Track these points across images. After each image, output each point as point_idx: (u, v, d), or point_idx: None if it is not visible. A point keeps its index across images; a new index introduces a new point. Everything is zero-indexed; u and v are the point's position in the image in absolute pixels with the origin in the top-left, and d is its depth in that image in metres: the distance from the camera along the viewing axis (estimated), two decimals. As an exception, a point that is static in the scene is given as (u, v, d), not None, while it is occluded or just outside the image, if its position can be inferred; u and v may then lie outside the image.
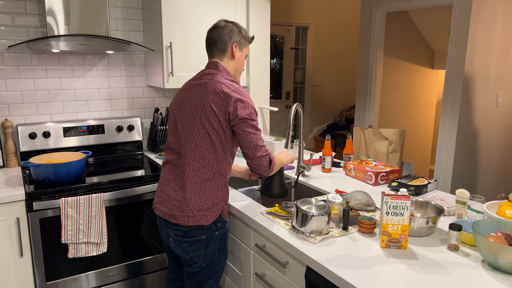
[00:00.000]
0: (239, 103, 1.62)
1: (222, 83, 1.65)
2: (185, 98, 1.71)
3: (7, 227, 2.02)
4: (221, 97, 1.62)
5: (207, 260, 1.75)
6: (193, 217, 1.66)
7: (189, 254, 1.72)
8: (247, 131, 1.64)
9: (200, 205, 1.67)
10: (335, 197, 1.67)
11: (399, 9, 3.97)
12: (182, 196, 1.67)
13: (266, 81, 2.92)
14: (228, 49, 1.72)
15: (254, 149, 1.65)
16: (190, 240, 1.70)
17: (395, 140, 2.84)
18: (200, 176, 1.66)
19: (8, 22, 2.39)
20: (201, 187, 1.67)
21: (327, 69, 6.21)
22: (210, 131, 1.64)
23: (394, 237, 1.41)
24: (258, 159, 1.66)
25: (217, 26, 1.71)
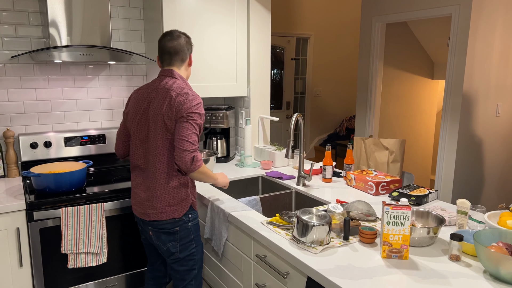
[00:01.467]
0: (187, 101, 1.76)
1: (179, 89, 1.80)
2: (146, 105, 1.85)
3: (7, 237, 2.02)
4: (176, 101, 1.76)
5: (184, 251, 1.89)
6: (165, 213, 1.83)
7: (166, 245, 1.87)
8: (183, 125, 1.75)
9: (170, 201, 1.83)
10: (336, 207, 1.67)
11: (398, 20, 4.01)
12: (152, 196, 1.83)
13: (267, 91, 2.94)
14: (187, 59, 1.91)
15: (182, 142, 1.73)
16: (166, 231, 1.85)
17: (395, 150, 2.84)
18: (166, 176, 1.81)
19: (11, 33, 2.41)
20: (168, 185, 1.82)
21: (328, 79, 6.24)
22: (169, 135, 1.78)
23: (395, 247, 1.41)
24: (183, 152, 1.73)
25: (177, 37, 1.86)
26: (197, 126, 1.78)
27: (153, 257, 2.10)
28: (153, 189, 1.83)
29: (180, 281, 1.94)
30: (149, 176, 1.84)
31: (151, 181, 1.83)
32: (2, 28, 2.39)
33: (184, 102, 1.76)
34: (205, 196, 2.12)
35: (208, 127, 2.86)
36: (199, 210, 2.25)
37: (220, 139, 2.87)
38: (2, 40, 2.40)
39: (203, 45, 2.63)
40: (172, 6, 2.48)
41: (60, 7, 2.30)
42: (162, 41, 1.86)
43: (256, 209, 2.15)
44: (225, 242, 1.98)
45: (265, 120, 2.96)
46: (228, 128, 2.88)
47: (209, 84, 2.70)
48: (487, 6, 3.45)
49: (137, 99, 1.88)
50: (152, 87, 1.86)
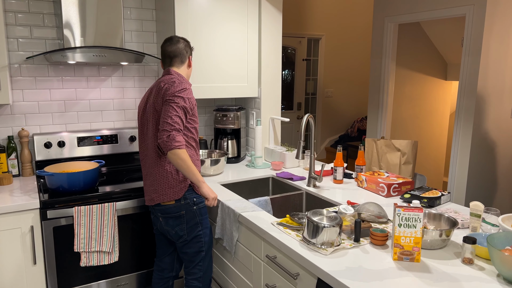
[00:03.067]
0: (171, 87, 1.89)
1: (169, 80, 1.93)
2: (146, 101, 2.02)
3: (21, 235, 2.05)
4: (163, 89, 1.90)
5: (191, 233, 1.99)
6: (166, 195, 1.93)
7: (174, 229, 1.98)
8: (165, 108, 1.85)
9: (169, 183, 1.93)
10: (347, 209, 1.66)
11: (411, 20, 3.97)
12: (154, 180, 1.96)
13: (278, 92, 2.93)
14: (186, 60, 2.07)
15: (162, 124, 1.83)
16: (172, 215, 1.96)
17: (407, 152, 2.82)
18: (160, 160, 1.94)
19: (26, 34, 2.46)
20: (164, 169, 1.93)
21: (339, 80, 6.21)
22: (158, 119, 1.92)
23: (407, 250, 1.39)
24: (160, 132, 1.82)
25: (176, 42, 2.03)
26: (180, 109, 1.86)
27: (162, 249, 2.17)
28: (153, 174, 1.96)
29: (190, 262, 2.05)
30: (149, 163, 1.98)
31: (150, 167, 1.97)
32: (18, 30, 2.43)
33: (169, 88, 1.89)
34: (216, 196, 2.13)
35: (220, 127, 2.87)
36: (209, 210, 2.26)
37: (230, 140, 2.87)
38: (17, 42, 2.44)
39: (214, 46, 2.65)
40: (184, 7, 2.49)
41: (74, 9, 2.33)
42: (163, 47, 2.04)
43: (266, 210, 2.15)
44: (236, 242, 1.98)
45: (276, 121, 2.96)
46: (239, 129, 2.88)
47: (220, 85, 2.71)
48: (502, 6, 3.40)
49: (142, 98, 2.08)
50: (153, 85, 2.03)
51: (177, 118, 1.84)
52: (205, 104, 3.10)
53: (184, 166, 1.83)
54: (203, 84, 2.65)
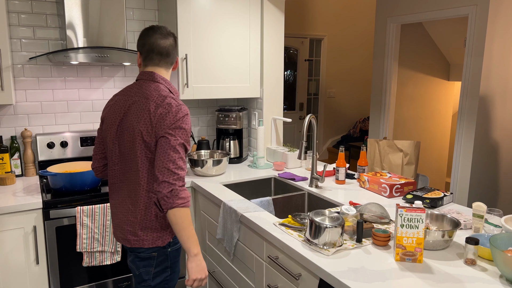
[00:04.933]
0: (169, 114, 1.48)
1: (160, 98, 1.52)
2: (123, 115, 1.56)
3: (24, 235, 2.06)
4: (156, 114, 1.48)
5: (157, 278, 1.64)
6: (147, 240, 1.58)
7: (139, 270, 1.63)
8: (164, 147, 1.46)
9: (153, 227, 1.57)
10: (349, 209, 1.66)
11: (413, 21, 3.96)
12: (134, 220, 1.58)
13: (280, 92, 2.94)
14: (174, 62, 1.68)
15: (162, 170, 1.44)
16: (141, 256, 1.62)
17: (410, 152, 2.81)
18: (148, 199, 1.56)
19: (29, 35, 2.47)
20: (151, 209, 1.56)
21: (341, 81, 6.20)
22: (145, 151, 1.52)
23: (409, 250, 1.39)
24: (162, 184, 1.44)
25: (168, 36, 1.59)
26: (182, 147, 1.49)
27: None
28: (133, 212, 1.57)
29: None
30: (129, 197, 1.58)
31: (132, 203, 1.57)
32: (21, 30, 2.44)
33: (165, 116, 1.48)
34: (218, 196, 2.13)
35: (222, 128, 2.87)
36: (212, 210, 2.27)
37: (233, 140, 2.88)
38: (20, 42, 2.45)
39: (217, 47, 2.65)
40: (186, 8, 2.50)
41: (77, 10, 2.34)
42: (152, 38, 1.56)
43: (268, 210, 2.15)
44: (236, 243, 1.98)
45: (278, 121, 2.96)
46: (241, 129, 2.89)
47: (222, 85, 2.71)
48: (505, 6, 3.39)
49: (113, 107, 1.60)
50: (130, 93, 1.59)
51: (181, 162, 1.47)
52: (207, 104, 3.10)
53: (183, 232, 1.46)
54: (206, 85, 2.65)
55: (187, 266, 1.52)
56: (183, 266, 2.44)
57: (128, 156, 1.56)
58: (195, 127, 3.08)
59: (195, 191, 2.46)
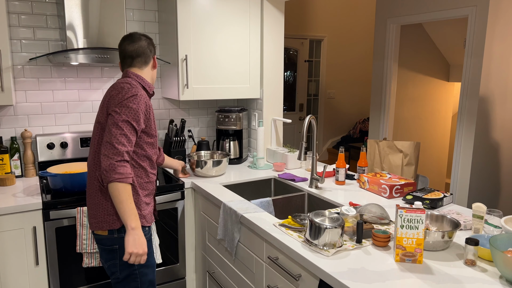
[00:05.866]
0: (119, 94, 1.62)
1: (119, 85, 1.66)
2: (100, 105, 1.73)
3: (24, 236, 2.06)
4: (109, 96, 1.64)
5: (124, 271, 1.66)
6: (105, 222, 1.64)
7: (107, 263, 1.69)
8: (108, 124, 1.59)
9: (109, 209, 1.64)
10: (349, 210, 1.66)
11: (413, 21, 3.97)
12: (92, 203, 1.68)
13: (280, 93, 2.94)
14: (151, 61, 1.81)
15: (104, 144, 1.56)
16: (106, 248, 1.69)
17: (410, 153, 2.81)
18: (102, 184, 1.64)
19: (29, 35, 2.47)
20: (105, 192, 1.63)
21: (341, 82, 6.20)
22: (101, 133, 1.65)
23: (409, 251, 1.39)
24: (103, 157, 1.54)
25: (137, 40, 1.75)
26: (127, 124, 1.56)
27: None
28: (93, 196, 1.66)
29: None
30: (91, 183, 1.69)
31: (90, 187, 1.68)
32: (21, 31, 2.44)
33: (115, 95, 1.59)
34: (217, 197, 2.13)
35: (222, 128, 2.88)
36: (212, 211, 2.27)
37: (232, 141, 2.88)
38: (21, 43, 2.45)
39: (216, 47, 2.65)
40: (186, 8, 2.50)
41: (77, 10, 2.34)
42: (122, 45, 1.75)
43: (268, 211, 2.15)
44: (237, 243, 1.98)
45: (278, 122, 2.96)
46: (241, 130, 2.89)
47: (222, 86, 2.71)
48: (505, 7, 3.39)
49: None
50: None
51: (123, 138, 1.54)
52: (207, 105, 3.10)
53: (120, 204, 1.53)
54: (205, 85, 2.65)
55: (125, 240, 1.57)
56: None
57: (93, 142, 1.70)
58: (195, 127, 3.08)
59: (195, 191, 2.46)
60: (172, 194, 2.39)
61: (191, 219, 2.52)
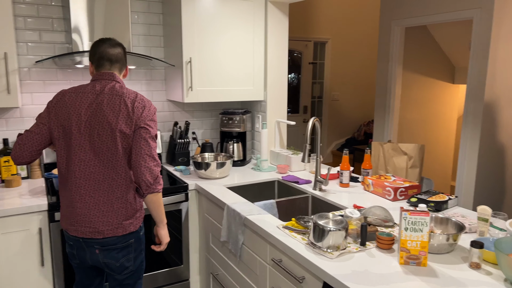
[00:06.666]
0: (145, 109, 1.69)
1: (132, 94, 1.70)
2: (92, 111, 1.64)
3: (29, 237, 2.07)
4: (134, 108, 1.66)
5: (137, 262, 1.81)
6: (121, 227, 1.71)
7: (119, 261, 1.74)
8: (143, 138, 1.65)
9: (127, 214, 1.72)
10: (353, 212, 1.66)
11: (418, 24, 3.96)
12: (108, 210, 1.68)
13: (284, 95, 2.94)
14: (124, 69, 1.82)
15: (144, 157, 1.64)
16: (119, 246, 1.73)
17: (414, 155, 2.80)
18: (125, 189, 1.70)
19: (36, 38, 2.49)
20: (126, 198, 1.71)
21: (345, 84, 6.20)
22: (123, 142, 1.66)
23: (413, 254, 1.39)
24: (144, 170, 1.63)
25: (117, 46, 1.76)
26: (155, 137, 1.71)
27: (88, 279, 1.87)
28: (108, 203, 1.67)
29: None
30: (104, 190, 1.67)
31: (106, 195, 1.67)
32: (27, 34, 2.46)
33: (143, 109, 1.67)
34: (221, 199, 2.14)
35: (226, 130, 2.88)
36: (215, 212, 2.27)
37: (236, 143, 2.88)
38: (27, 46, 2.47)
39: (220, 50, 2.66)
40: (190, 11, 2.51)
41: (82, 13, 2.36)
42: (101, 47, 1.72)
43: (272, 213, 2.15)
44: (241, 246, 1.98)
45: (282, 124, 2.97)
46: (244, 132, 2.89)
47: (226, 88, 2.72)
48: (510, 9, 3.38)
49: (72, 104, 1.66)
50: (92, 91, 1.67)
51: (156, 150, 1.69)
52: (211, 107, 3.11)
53: (160, 208, 1.73)
54: (209, 88, 2.66)
55: (160, 233, 1.79)
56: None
57: (104, 149, 1.65)
58: (199, 129, 3.09)
59: (199, 193, 2.47)
60: (176, 195, 2.39)
61: (195, 221, 2.52)
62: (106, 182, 1.67)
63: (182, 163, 2.82)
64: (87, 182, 1.66)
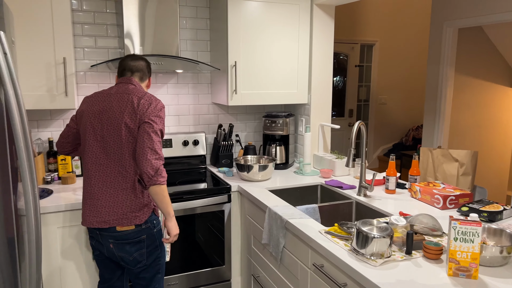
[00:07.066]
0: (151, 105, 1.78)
1: (140, 93, 1.82)
2: (101, 109, 1.80)
3: (82, 231, 2.18)
4: (140, 104, 1.77)
5: (151, 257, 1.87)
6: (126, 219, 1.78)
7: (133, 255, 1.83)
8: (147, 132, 1.73)
9: (133, 207, 1.79)
10: (399, 220, 1.61)
11: (472, 24, 3.77)
12: (114, 201, 1.78)
13: (328, 98, 2.91)
14: (146, 80, 1.98)
15: (146, 151, 1.71)
16: (131, 241, 1.81)
17: (466, 162, 2.66)
18: (131, 182, 1.79)
19: (91, 44, 2.64)
20: (133, 191, 1.79)
21: (393, 87, 6.02)
22: (127, 135, 1.76)
23: (463, 265, 1.32)
24: (146, 162, 1.70)
25: (139, 59, 1.94)
26: (160, 133, 1.78)
27: (109, 273, 1.98)
28: (112, 195, 1.79)
29: (145, 287, 1.92)
30: (111, 181, 1.79)
31: (113, 186, 1.79)
32: (84, 40, 2.61)
33: (147, 106, 1.77)
34: (263, 201, 2.14)
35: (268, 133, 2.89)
36: (257, 215, 2.28)
37: (279, 146, 2.88)
38: (83, 51, 2.62)
39: (265, 53, 2.68)
40: (237, 16, 2.55)
41: (134, 20, 2.47)
42: (125, 61, 1.92)
43: (314, 218, 2.13)
44: (282, 249, 1.98)
45: (326, 127, 2.93)
46: (287, 135, 2.89)
47: (270, 92, 2.73)
48: None
49: (91, 103, 1.84)
50: (107, 92, 1.84)
51: (160, 144, 1.75)
52: (255, 110, 3.14)
53: (164, 200, 1.77)
54: (253, 91, 2.68)
55: (168, 225, 1.84)
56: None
57: (111, 144, 1.78)
58: (242, 132, 3.12)
59: (241, 195, 2.49)
60: (219, 197, 2.43)
61: (237, 222, 2.55)
62: (113, 175, 1.79)
63: (225, 165, 2.86)
64: (96, 174, 1.81)
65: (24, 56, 2.21)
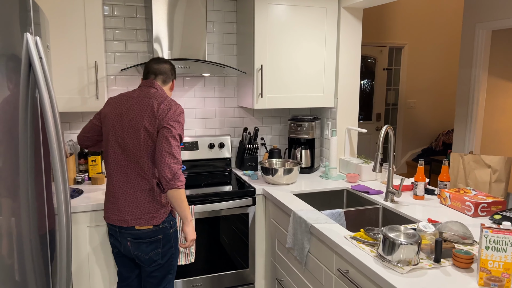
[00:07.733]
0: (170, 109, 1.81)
1: (161, 97, 1.85)
2: (123, 111, 1.85)
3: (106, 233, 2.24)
4: (160, 109, 1.80)
5: (165, 257, 1.91)
6: (143, 219, 1.83)
7: (148, 254, 1.87)
8: (165, 137, 1.76)
9: (150, 208, 1.84)
10: (427, 226, 1.57)
11: (507, 26, 3.64)
12: (133, 201, 1.83)
13: (355, 102, 2.87)
14: (170, 83, 2.00)
15: (164, 155, 1.74)
16: (148, 240, 1.85)
17: (499, 169, 2.57)
18: (148, 184, 1.83)
19: (122, 48, 2.71)
20: (151, 192, 1.83)
21: (422, 91, 5.88)
22: (146, 139, 1.80)
23: (495, 275, 1.27)
24: (164, 166, 1.73)
25: (163, 62, 1.97)
26: (178, 138, 1.80)
27: (127, 272, 2.03)
28: (131, 195, 1.84)
29: (156, 286, 1.95)
30: (131, 182, 1.84)
31: (133, 187, 1.84)
32: (115, 44, 2.69)
33: (167, 110, 1.80)
34: (287, 205, 2.14)
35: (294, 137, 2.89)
36: (281, 218, 2.28)
37: (304, 150, 2.87)
38: (114, 55, 2.70)
39: (291, 56, 2.67)
40: (263, 19, 2.56)
41: (163, 24, 2.52)
42: (149, 64, 1.96)
43: (339, 223, 2.10)
44: (307, 253, 1.97)
45: (353, 131, 2.90)
46: (313, 139, 2.87)
47: (296, 95, 2.72)
48: None
49: (114, 105, 1.89)
50: (129, 95, 1.89)
51: (178, 149, 1.78)
52: (280, 113, 3.14)
53: (182, 205, 1.80)
54: (279, 94, 2.68)
55: (185, 230, 1.85)
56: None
57: (130, 146, 1.82)
58: (267, 135, 3.13)
59: (266, 198, 2.49)
60: (243, 199, 2.44)
61: (262, 225, 2.55)
62: (133, 176, 1.84)
63: (250, 168, 2.87)
64: (117, 174, 1.87)
65: (58, 60, 2.30)
